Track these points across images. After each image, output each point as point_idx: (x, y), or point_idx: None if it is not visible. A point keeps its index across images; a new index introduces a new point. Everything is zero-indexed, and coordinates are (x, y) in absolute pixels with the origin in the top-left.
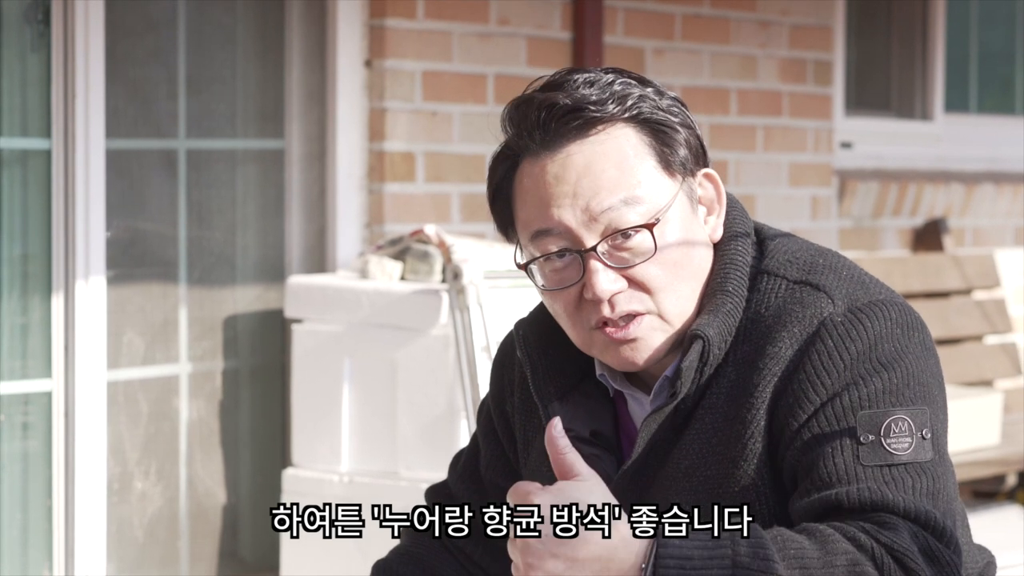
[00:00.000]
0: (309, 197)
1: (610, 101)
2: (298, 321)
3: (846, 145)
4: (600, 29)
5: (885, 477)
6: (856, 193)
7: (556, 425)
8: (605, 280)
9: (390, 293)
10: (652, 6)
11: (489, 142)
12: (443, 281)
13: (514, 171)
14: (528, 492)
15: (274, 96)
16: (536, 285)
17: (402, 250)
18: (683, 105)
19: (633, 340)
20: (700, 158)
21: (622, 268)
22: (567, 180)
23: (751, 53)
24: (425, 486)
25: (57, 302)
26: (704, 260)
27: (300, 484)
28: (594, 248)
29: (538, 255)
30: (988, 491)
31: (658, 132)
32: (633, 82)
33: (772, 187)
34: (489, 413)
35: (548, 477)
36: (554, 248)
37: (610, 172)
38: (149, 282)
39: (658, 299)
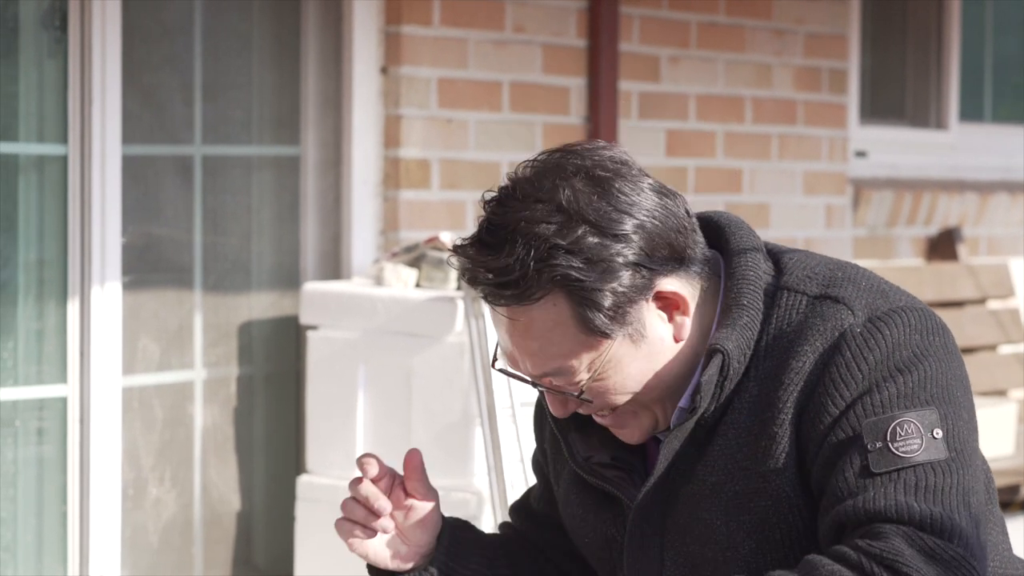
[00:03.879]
0: (324, 203)
1: (532, 277)
2: (313, 328)
3: (861, 154)
4: (616, 37)
5: (896, 481)
6: (870, 202)
7: (415, 456)
8: (556, 405)
9: (405, 300)
10: (667, 14)
11: (505, 149)
12: (458, 288)
13: None
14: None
15: (290, 102)
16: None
17: (417, 257)
18: (616, 209)
19: (621, 428)
20: (651, 272)
21: (568, 399)
22: (509, 335)
23: (766, 61)
24: (439, 493)
25: (73, 307)
26: (667, 350)
27: (314, 491)
28: (533, 384)
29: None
30: (1003, 501)
31: (582, 298)
32: (555, 226)
33: (786, 195)
34: (537, 452)
35: (576, 504)
36: (511, 370)
37: (533, 346)
38: (164, 288)
39: (621, 402)
